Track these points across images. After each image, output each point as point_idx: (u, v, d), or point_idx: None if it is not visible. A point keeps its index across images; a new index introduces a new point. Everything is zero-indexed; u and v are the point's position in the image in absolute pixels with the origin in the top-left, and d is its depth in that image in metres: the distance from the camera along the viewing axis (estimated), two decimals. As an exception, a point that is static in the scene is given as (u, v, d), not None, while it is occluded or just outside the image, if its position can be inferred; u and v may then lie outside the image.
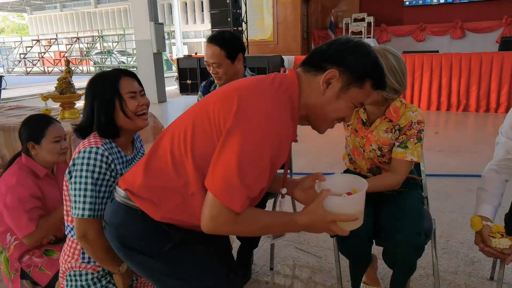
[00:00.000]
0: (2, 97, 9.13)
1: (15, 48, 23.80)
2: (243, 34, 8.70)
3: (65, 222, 1.37)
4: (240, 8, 8.37)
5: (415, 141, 1.49)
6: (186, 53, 18.56)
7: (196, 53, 12.59)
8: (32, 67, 21.97)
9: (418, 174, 1.73)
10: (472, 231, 1.40)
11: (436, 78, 6.41)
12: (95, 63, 21.40)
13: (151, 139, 2.69)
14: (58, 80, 2.50)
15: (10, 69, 22.93)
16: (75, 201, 1.21)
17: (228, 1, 7.69)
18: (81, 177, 1.20)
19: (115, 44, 21.34)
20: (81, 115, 2.51)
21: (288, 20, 9.84)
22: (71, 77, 2.52)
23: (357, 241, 1.46)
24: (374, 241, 1.54)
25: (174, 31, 21.39)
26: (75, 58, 22.08)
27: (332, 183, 1.06)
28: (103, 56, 21.24)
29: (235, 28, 8.09)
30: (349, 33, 10.11)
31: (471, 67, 6.19)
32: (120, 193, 1.09)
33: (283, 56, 7.97)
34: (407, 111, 1.55)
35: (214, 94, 1.04)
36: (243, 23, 8.61)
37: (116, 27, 26.15)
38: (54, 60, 22.39)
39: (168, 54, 19.80)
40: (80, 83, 14.47)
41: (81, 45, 22.23)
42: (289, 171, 1.39)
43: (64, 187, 1.31)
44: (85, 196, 1.20)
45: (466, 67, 6.21)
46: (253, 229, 0.97)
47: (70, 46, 22.20)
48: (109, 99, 1.27)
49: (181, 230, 1.04)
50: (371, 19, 10.01)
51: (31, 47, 22.54)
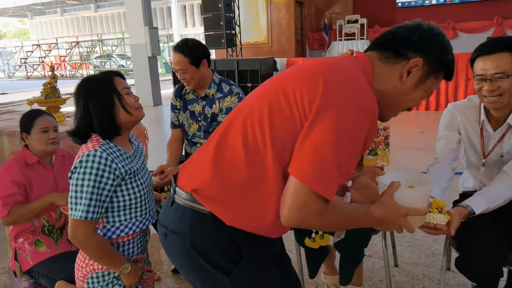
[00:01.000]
0: (2, 101, 9.28)
1: (16, 53, 24.04)
2: (236, 37, 8.82)
3: None
4: (233, 12, 8.50)
5: (383, 147, 1.61)
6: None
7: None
8: (33, 72, 22.18)
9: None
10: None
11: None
12: (95, 67, 21.59)
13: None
14: (43, 86, 2.63)
15: (11, 74, 23.15)
16: (71, 202, 1.24)
17: (220, 5, 7.82)
18: (80, 179, 1.22)
19: (114, 47, 21.55)
20: (68, 119, 2.62)
21: (281, 23, 9.97)
22: (56, 82, 2.64)
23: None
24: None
25: (172, 34, 21.56)
26: (75, 62, 22.30)
27: (389, 178, 0.97)
28: (102, 60, 21.43)
29: (228, 32, 8.22)
30: (343, 35, 10.24)
31: (458, 67, 6.29)
32: (182, 195, 0.96)
33: (276, 59, 8.08)
34: None
35: (286, 76, 0.92)
36: (236, 26, 8.72)
37: (116, 31, 26.35)
38: (54, 64, 22.59)
39: (168, 57, 19.97)
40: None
41: (81, 49, 22.43)
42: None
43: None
44: (80, 198, 1.22)
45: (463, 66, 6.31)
46: (337, 221, 0.88)
47: (70, 50, 22.41)
48: (108, 98, 1.29)
49: (253, 242, 0.93)
50: (364, 20, 10.12)
51: (32, 51, 22.77)
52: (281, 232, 0.99)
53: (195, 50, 1.94)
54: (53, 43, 23.10)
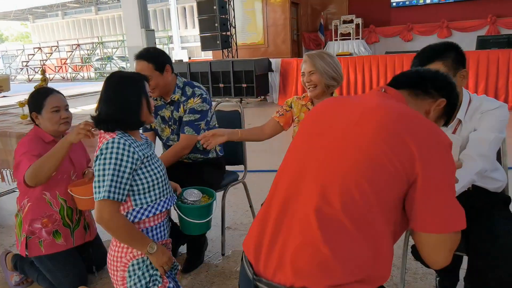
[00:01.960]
0: (2, 104, 9.41)
1: (17, 56, 24.25)
2: (232, 39, 8.93)
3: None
4: (228, 14, 8.61)
5: None
6: (186, 57, 18.84)
7: (190, 58, 12.86)
8: (34, 75, 22.39)
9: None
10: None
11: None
12: (95, 69, 21.76)
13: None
14: (35, 88, 2.74)
15: (13, 77, 23.36)
16: (95, 187, 1.37)
17: (215, 7, 7.93)
18: (102, 164, 1.36)
19: (114, 50, 21.71)
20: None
21: (277, 24, 10.07)
22: (46, 85, 2.75)
23: None
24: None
25: (172, 36, 21.70)
26: (76, 65, 22.48)
27: None
28: (103, 62, 21.60)
29: (223, 33, 8.33)
30: (338, 35, 10.34)
31: (449, 66, 6.38)
32: None
33: (271, 59, 8.18)
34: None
35: (367, 135, 0.91)
36: (231, 27, 8.83)
37: (117, 33, 26.54)
38: (55, 67, 22.78)
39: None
40: (82, 89, 14.70)
41: (82, 52, 22.61)
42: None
43: None
44: (103, 180, 1.35)
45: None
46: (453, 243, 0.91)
47: (71, 53, 22.60)
48: (139, 96, 1.48)
49: None
50: (359, 20, 10.21)
51: (33, 54, 22.97)
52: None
53: (158, 57, 1.98)
54: (55, 46, 23.30)
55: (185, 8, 27.15)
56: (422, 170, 0.86)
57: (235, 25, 9.15)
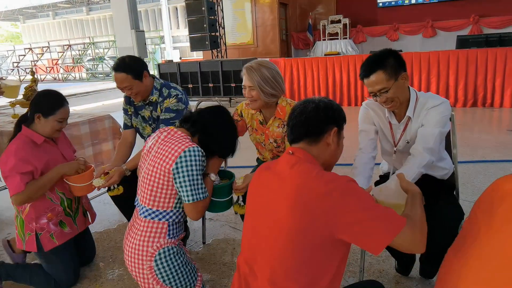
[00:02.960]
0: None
1: (8, 57, 24.13)
2: (221, 39, 9.08)
3: (145, 205, 1.56)
4: (216, 15, 8.75)
5: None
6: (178, 57, 18.91)
7: (180, 58, 12.96)
8: (25, 75, 22.30)
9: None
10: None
11: (399, 76, 6.81)
12: (87, 70, 21.75)
13: (110, 138, 3.06)
14: (25, 89, 2.88)
15: (4, 78, 23.24)
16: (189, 190, 1.49)
17: (203, 8, 8.07)
18: (189, 169, 1.48)
19: (106, 50, 21.71)
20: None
21: (266, 24, 10.24)
22: (36, 85, 2.89)
23: None
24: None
25: (164, 36, 21.74)
26: (68, 65, 22.44)
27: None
28: (95, 63, 21.60)
29: (212, 34, 8.47)
30: (326, 35, 10.53)
31: (430, 65, 6.59)
32: None
33: (259, 59, 8.33)
34: (290, 109, 1.94)
35: (283, 210, 1.09)
36: (220, 28, 8.98)
37: (108, 33, 26.51)
38: (46, 67, 22.73)
39: (161, 59, 20.17)
40: (74, 89, 14.66)
41: (73, 52, 22.57)
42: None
43: (157, 177, 1.52)
44: (197, 184, 1.51)
45: (425, 65, 6.61)
46: (422, 221, 1.11)
47: (62, 53, 22.56)
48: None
49: None
50: (347, 20, 10.41)
51: (24, 55, 22.88)
52: None
53: (134, 65, 2.07)
54: (46, 47, 23.23)
55: (176, 8, 27.18)
56: (340, 218, 1.02)
57: (224, 25, 9.30)
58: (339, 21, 10.48)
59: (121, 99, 2.44)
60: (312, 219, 1.04)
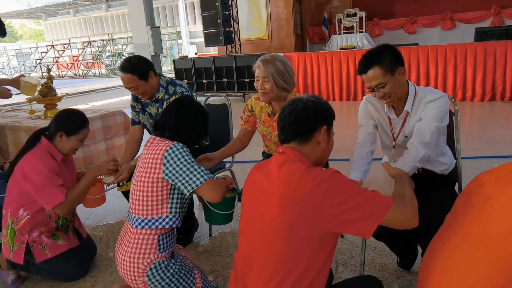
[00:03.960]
0: (15, 101, 9.74)
1: (31, 54, 24.84)
2: (235, 34, 9.11)
3: (138, 216, 1.56)
4: (231, 10, 8.78)
5: None
6: (194, 52, 19.10)
7: (196, 53, 13.06)
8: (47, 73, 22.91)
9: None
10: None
11: (415, 70, 6.69)
12: (106, 66, 22.18)
13: (122, 133, 3.15)
14: (41, 85, 2.99)
15: (26, 75, 23.94)
16: (187, 177, 1.49)
17: (217, 3, 8.11)
18: (181, 161, 1.50)
19: (124, 46, 22.08)
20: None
21: (281, 18, 10.20)
22: (51, 82, 3.00)
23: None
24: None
25: (180, 31, 21.93)
26: (88, 62, 22.94)
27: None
28: (113, 59, 22.00)
29: (226, 29, 8.51)
30: (342, 29, 10.41)
31: (446, 58, 6.45)
32: None
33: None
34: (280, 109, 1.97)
35: (274, 205, 1.13)
36: (234, 23, 9.01)
37: (127, 30, 26.90)
38: (67, 64, 23.29)
39: (178, 54, 20.37)
40: (93, 85, 15.02)
41: (93, 49, 23.05)
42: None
43: (147, 187, 1.54)
44: (198, 167, 1.53)
45: (442, 58, 6.47)
46: (412, 197, 1.20)
47: (82, 50, 23.06)
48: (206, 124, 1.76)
49: None
50: (363, 14, 10.26)
51: (46, 52, 23.51)
52: None
53: (139, 66, 2.11)
54: (67, 44, 23.80)
55: (193, 4, 27.33)
56: (331, 212, 1.06)
57: (238, 20, 9.32)
58: (355, 15, 10.35)
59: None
60: (302, 217, 1.08)
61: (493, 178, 0.93)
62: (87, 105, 9.43)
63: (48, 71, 3.07)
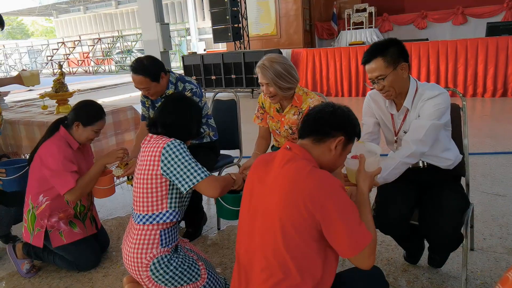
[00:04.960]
0: (28, 97, 9.90)
1: (42, 50, 25.16)
2: (244, 30, 9.11)
3: (140, 212, 1.59)
4: (239, 6, 8.78)
5: None
6: (203, 49, 19.14)
7: (205, 50, 13.09)
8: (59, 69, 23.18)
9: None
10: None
11: (425, 65, 6.64)
12: (116, 62, 22.36)
13: (132, 128, 3.20)
14: (53, 81, 3.05)
15: (39, 71, 24.25)
16: (184, 174, 1.51)
17: (226, 0, 8.12)
18: (179, 158, 1.51)
19: (134, 43, 22.22)
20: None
21: (290, 14, 10.16)
22: (63, 78, 3.06)
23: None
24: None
25: (189, 28, 21.98)
26: (98, 58, 23.16)
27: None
28: (123, 55, 22.17)
29: (235, 25, 8.52)
30: (351, 24, 10.34)
31: (457, 53, 6.38)
32: None
33: (282, 50, 8.33)
34: (307, 98, 2.02)
35: (276, 207, 1.13)
36: (242, 19, 9.01)
37: (136, 26, 27.06)
38: (78, 61, 23.54)
39: (187, 51, 20.42)
40: (103, 81, 15.20)
41: (103, 45, 23.25)
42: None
43: (146, 184, 1.56)
44: (192, 167, 1.53)
45: (452, 53, 6.40)
46: (373, 226, 1.20)
47: (93, 46, 23.28)
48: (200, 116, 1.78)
49: None
50: (372, 9, 10.16)
51: (57, 49, 23.78)
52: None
53: (152, 68, 2.13)
54: (77, 40, 24.04)
55: (202, 0, 27.35)
56: (320, 217, 1.08)
57: (246, 17, 9.32)
58: (364, 10, 10.25)
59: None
60: (301, 215, 1.09)
61: None
62: (97, 101, 9.53)
63: (60, 67, 3.13)
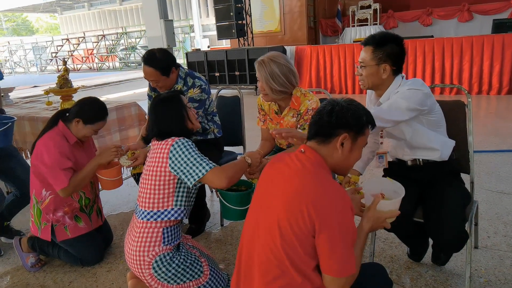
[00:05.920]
0: (33, 94, 9.93)
1: (47, 47, 25.24)
2: (248, 27, 9.09)
3: (144, 208, 1.60)
4: (243, 2, 8.75)
5: None
6: (207, 46, 19.13)
7: (209, 46, 13.08)
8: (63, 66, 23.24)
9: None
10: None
11: (430, 63, 6.59)
12: (120, 59, 22.40)
13: (136, 124, 3.21)
14: (58, 78, 3.06)
15: (43, 68, 24.38)
16: (195, 168, 1.51)
17: (230, -4, 8.10)
18: (185, 152, 1.53)
19: (138, 40, 22.24)
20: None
21: (294, 11, 10.12)
22: (68, 74, 3.06)
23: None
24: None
25: (193, 24, 21.96)
26: (102, 55, 23.21)
27: (369, 187, 1.35)
28: (127, 52, 22.20)
29: (239, 22, 8.50)
30: (356, 21, 10.28)
31: (462, 50, 6.33)
32: None
33: (285, 47, 8.30)
34: (305, 99, 1.98)
35: (277, 203, 1.13)
36: (247, 16, 8.98)
37: (140, 23, 27.07)
38: (82, 57, 23.60)
39: (191, 47, 20.41)
40: (107, 78, 15.28)
41: (107, 42, 23.29)
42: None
43: (154, 180, 1.57)
44: (201, 159, 1.54)
45: (457, 50, 6.35)
46: (359, 264, 1.16)
47: (97, 43, 23.32)
48: (179, 113, 1.67)
49: None
50: (377, 5, 10.10)
51: (62, 46, 23.85)
52: None
53: (163, 62, 2.12)
54: (81, 37, 24.10)
55: (206, -3, 27.29)
56: (319, 229, 1.05)
57: (250, 13, 9.29)
58: (369, 7, 10.19)
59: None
60: (303, 219, 1.07)
61: None
62: (101, 98, 9.53)
63: (64, 63, 3.13)
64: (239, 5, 8.53)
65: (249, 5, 9.21)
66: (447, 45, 6.41)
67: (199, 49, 9.93)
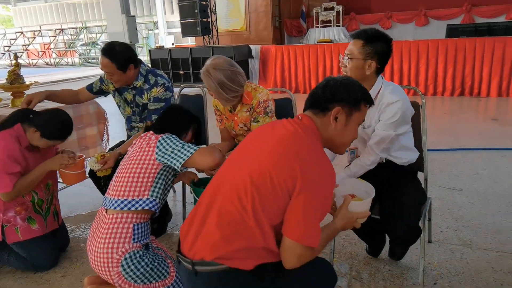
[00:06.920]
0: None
1: (-1, 40, 23.81)
2: (213, 25, 9.02)
3: (117, 197, 1.57)
4: (208, 0, 8.68)
5: (263, 115, 1.94)
6: (171, 43, 18.76)
7: (173, 44, 12.85)
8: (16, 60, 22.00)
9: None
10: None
11: (388, 65, 6.83)
12: (80, 55, 21.52)
13: (94, 123, 3.09)
14: (8, 73, 2.88)
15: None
16: (183, 150, 1.57)
17: (195, -7, 8.00)
18: (169, 141, 1.59)
19: (99, 35, 21.45)
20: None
21: (259, 10, 10.15)
22: (19, 69, 2.90)
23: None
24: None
25: (157, 21, 21.51)
26: (60, 50, 22.18)
27: (341, 189, 1.36)
28: (87, 48, 21.36)
29: (204, 19, 8.42)
30: (319, 22, 10.48)
31: (419, 54, 6.62)
32: (206, 265, 1.10)
33: (251, 46, 8.31)
34: (256, 93, 2.01)
35: (265, 153, 1.13)
36: (212, 14, 8.91)
37: (101, 18, 26.12)
38: (38, 52, 22.44)
39: (155, 45, 19.93)
40: (66, 74, 14.58)
41: (66, 37, 22.29)
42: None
43: (135, 168, 1.58)
44: (188, 146, 1.59)
45: (414, 53, 6.64)
46: (321, 249, 1.15)
47: (54, 38, 22.26)
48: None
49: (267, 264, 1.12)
50: (340, 8, 10.35)
51: (15, 39, 22.56)
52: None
53: (122, 56, 2.07)
54: (37, 31, 22.90)
55: (171, -7, 26.77)
56: (300, 189, 1.05)
57: (215, 11, 9.22)
58: (332, 9, 10.42)
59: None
60: (289, 175, 1.07)
61: None
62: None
63: (16, 57, 2.97)
64: (204, 2, 8.46)
65: (214, 3, 9.14)
66: (405, 48, 6.68)
67: (163, 46, 9.72)
